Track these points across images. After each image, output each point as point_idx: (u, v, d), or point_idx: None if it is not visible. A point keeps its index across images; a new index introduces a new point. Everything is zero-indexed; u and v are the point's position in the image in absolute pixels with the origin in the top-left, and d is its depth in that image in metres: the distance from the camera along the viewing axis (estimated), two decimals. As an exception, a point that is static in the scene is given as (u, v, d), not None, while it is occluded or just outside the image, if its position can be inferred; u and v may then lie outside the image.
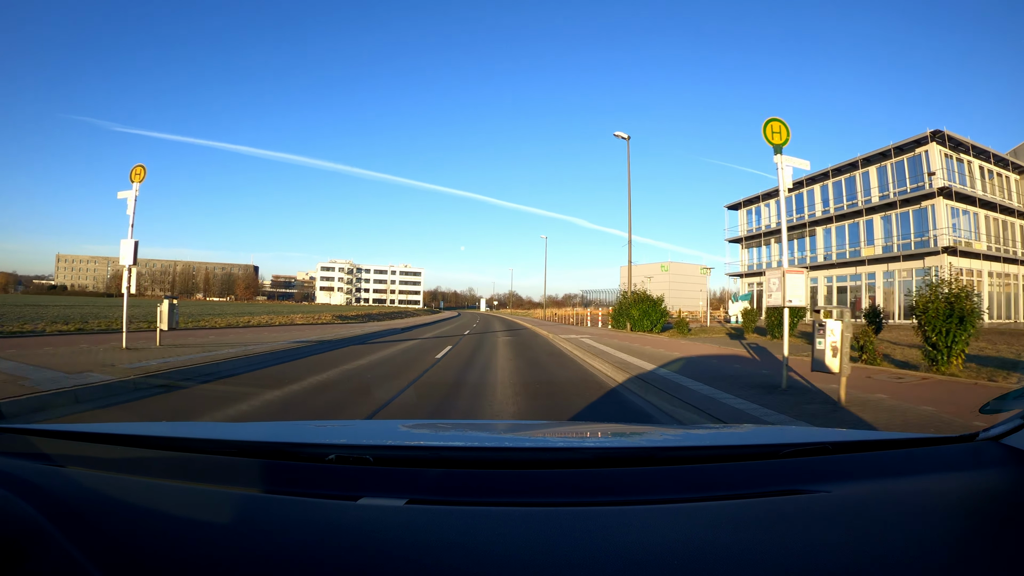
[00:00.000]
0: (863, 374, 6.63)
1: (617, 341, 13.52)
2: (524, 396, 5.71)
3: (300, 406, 4.98)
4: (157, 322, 9.16)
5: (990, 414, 1.11)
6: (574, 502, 0.90)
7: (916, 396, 5.22)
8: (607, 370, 8.06)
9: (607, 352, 10.38)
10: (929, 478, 0.98)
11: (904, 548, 0.74)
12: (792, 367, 6.29)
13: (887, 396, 5.17)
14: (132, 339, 9.10)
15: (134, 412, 4.62)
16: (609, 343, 12.92)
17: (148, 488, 0.91)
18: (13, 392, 4.53)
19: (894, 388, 5.72)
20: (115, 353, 7.70)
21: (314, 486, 0.95)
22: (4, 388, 4.69)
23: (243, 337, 12.21)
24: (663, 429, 2.26)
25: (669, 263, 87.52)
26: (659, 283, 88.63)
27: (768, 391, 5.55)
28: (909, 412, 4.44)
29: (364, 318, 28.18)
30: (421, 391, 5.96)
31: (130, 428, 1.32)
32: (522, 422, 3.54)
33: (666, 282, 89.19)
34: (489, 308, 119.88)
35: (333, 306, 77.44)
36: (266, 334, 13.50)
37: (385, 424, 2.63)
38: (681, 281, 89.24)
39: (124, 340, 8.63)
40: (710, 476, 1.02)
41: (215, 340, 10.93)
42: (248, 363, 7.83)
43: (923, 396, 5.23)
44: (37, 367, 6.03)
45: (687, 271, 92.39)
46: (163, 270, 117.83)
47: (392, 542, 0.74)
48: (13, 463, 0.95)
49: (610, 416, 4.93)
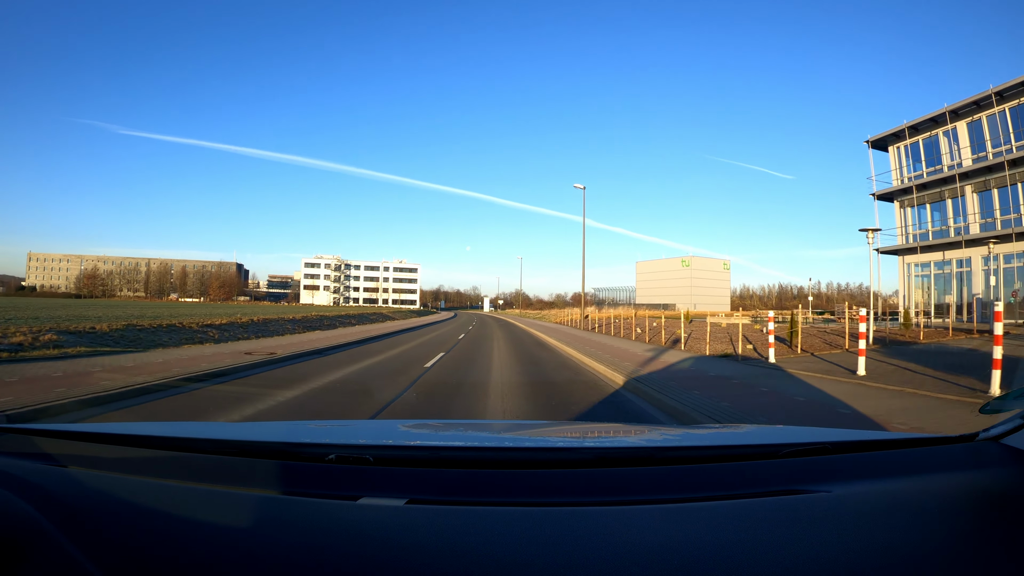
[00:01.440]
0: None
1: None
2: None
3: None
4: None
5: (990, 414, 1.11)
6: (574, 502, 0.90)
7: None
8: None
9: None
10: (929, 478, 0.98)
11: (904, 548, 0.75)
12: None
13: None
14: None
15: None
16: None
17: (148, 488, 0.90)
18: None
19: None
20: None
21: (314, 486, 0.95)
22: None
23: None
24: (663, 429, 2.09)
25: (690, 258, 79.29)
26: (678, 281, 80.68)
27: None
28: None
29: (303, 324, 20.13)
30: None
31: (131, 428, 1.31)
32: (522, 422, 3.54)
33: (687, 279, 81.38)
34: (494, 308, 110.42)
35: (316, 307, 68.90)
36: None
37: (385, 424, 2.67)
38: (702, 278, 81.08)
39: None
40: (710, 476, 1.02)
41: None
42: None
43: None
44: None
45: (709, 267, 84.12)
46: (133, 268, 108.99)
47: (392, 542, 0.74)
48: (13, 463, 0.94)
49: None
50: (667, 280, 78.29)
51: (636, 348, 12.84)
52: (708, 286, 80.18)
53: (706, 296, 75.30)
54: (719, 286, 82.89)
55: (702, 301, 70.77)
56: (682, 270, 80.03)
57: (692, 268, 79.97)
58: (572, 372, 8.60)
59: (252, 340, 13.68)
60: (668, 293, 76.24)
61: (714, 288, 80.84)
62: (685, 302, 65.40)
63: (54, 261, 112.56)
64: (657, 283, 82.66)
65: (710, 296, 75.61)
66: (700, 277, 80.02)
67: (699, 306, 61.90)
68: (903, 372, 7.59)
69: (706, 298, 73.87)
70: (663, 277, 79.67)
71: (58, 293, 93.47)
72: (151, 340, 11.65)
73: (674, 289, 76.97)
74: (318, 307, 67.93)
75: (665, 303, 65.73)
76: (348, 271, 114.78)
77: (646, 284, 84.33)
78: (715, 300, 73.57)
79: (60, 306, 31.07)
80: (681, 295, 73.68)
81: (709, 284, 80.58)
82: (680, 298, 71.86)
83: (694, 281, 79.10)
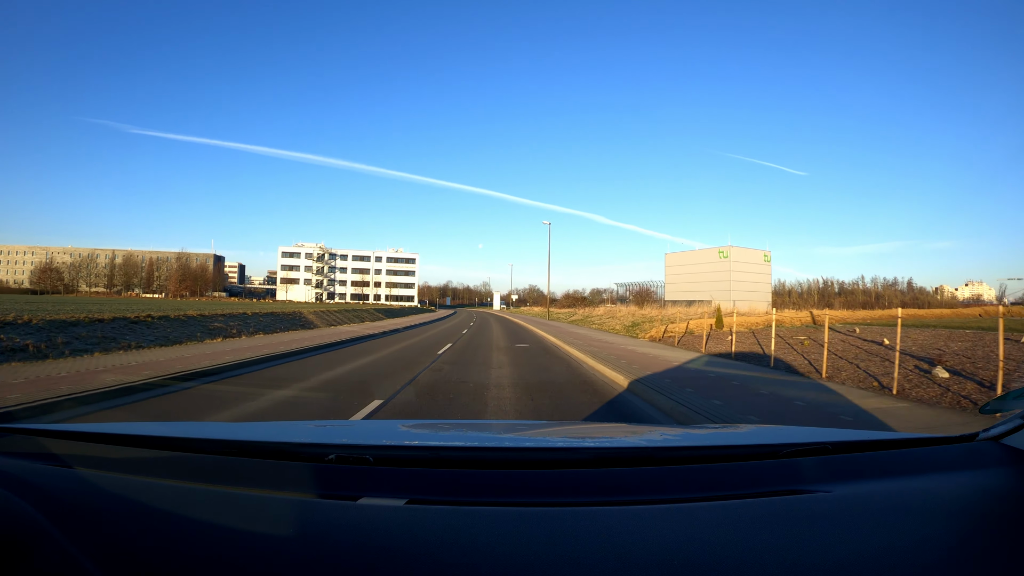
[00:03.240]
0: None
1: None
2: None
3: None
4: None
5: (990, 414, 1.10)
6: (574, 502, 0.89)
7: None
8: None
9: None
10: (929, 478, 0.98)
11: (904, 548, 0.75)
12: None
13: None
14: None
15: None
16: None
17: (148, 488, 0.90)
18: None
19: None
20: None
21: (314, 486, 0.94)
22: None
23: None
24: (663, 429, 2.05)
25: (728, 247, 68.08)
26: (714, 274, 69.53)
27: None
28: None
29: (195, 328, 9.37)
30: None
31: (131, 428, 1.28)
32: (522, 422, 3.47)
33: (724, 271, 70.01)
34: (506, 306, 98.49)
35: (294, 303, 57.39)
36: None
37: (385, 424, 2.60)
38: (741, 270, 69.74)
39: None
40: (710, 476, 1.01)
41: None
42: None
43: None
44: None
45: (748, 258, 72.10)
46: (89, 259, 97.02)
47: (392, 542, 0.74)
48: (14, 463, 0.94)
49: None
50: (701, 273, 67.38)
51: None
52: (747, 280, 69.07)
53: (745, 292, 64.49)
54: (759, 280, 71.66)
55: (741, 297, 60.15)
56: (719, 262, 68.68)
57: (731, 259, 68.45)
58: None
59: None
60: (702, 288, 65.28)
61: (754, 282, 69.73)
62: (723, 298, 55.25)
63: (17, 254, 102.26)
64: (689, 277, 71.45)
65: (750, 292, 64.77)
66: (739, 270, 68.77)
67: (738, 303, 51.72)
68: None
69: (745, 293, 63.12)
70: (696, 270, 68.72)
71: (9, 288, 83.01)
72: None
73: (709, 283, 66.00)
74: (295, 304, 56.37)
75: (699, 299, 55.05)
76: (333, 261, 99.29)
77: (677, 278, 73.23)
78: (755, 296, 62.73)
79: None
80: (718, 290, 62.95)
81: (748, 278, 69.45)
82: (716, 293, 61.36)
83: (733, 275, 67.72)
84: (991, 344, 10.60)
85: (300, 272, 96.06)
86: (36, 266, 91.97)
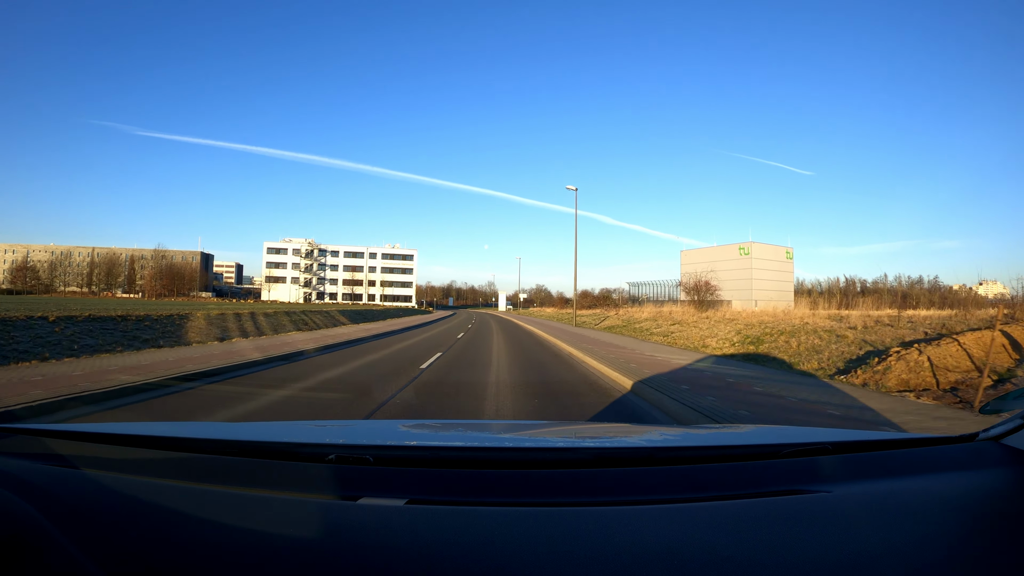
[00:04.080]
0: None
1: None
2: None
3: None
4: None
5: (990, 414, 1.09)
6: (574, 502, 0.89)
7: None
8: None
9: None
10: (929, 478, 0.98)
11: (904, 548, 0.75)
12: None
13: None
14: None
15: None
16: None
17: (149, 488, 0.90)
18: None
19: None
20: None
21: (314, 486, 0.94)
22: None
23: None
24: (663, 429, 2.07)
25: (750, 244, 62.62)
26: (735, 271, 64.06)
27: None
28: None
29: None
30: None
31: (132, 428, 1.28)
32: (521, 422, 3.47)
33: (745, 269, 64.50)
34: (512, 307, 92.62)
35: (279, 304, 52.20)
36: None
37: (385, 424, 2.59)
38: (763, 268, 64.15)
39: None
40: (710, 476, 1.01)
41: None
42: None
43: None
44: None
45: (770, 255, 66.16)
46: (66, 256, 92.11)
47: (392, 542, 0.74)
48: (14, 463, 0.94)
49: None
50: (719, 271, 61.84)
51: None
52: (769, 277, 63.71)
53: (767, 290, 59.27)
54: (782, 278, 66.20)
55: (763, 296, 55.04)
56: (739, 259, 63.27)
57: (752, 256, 62.93)
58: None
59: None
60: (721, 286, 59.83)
61: (776, 280, 64.31)
62: (743, 297, 49.99)
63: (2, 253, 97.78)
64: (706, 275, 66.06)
65: (771, 290, 59.46)
66: (761, 267, 63.29)
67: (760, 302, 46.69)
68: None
69: (767, 292, 57.89)
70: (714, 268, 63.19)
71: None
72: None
73: (728, 282, 60.68)
74: (280, 304, 51.19)
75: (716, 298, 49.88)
76: (323, 259, 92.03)
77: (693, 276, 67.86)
78: (777, 295, 57.40)
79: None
80: (738, 288, 57.92)
81: (770, 275, 64.06)
82: (737, 292, 56.27)
83: (755, 272, 62.21)
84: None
85: (288, 271, 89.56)
86: (13, 264, 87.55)
